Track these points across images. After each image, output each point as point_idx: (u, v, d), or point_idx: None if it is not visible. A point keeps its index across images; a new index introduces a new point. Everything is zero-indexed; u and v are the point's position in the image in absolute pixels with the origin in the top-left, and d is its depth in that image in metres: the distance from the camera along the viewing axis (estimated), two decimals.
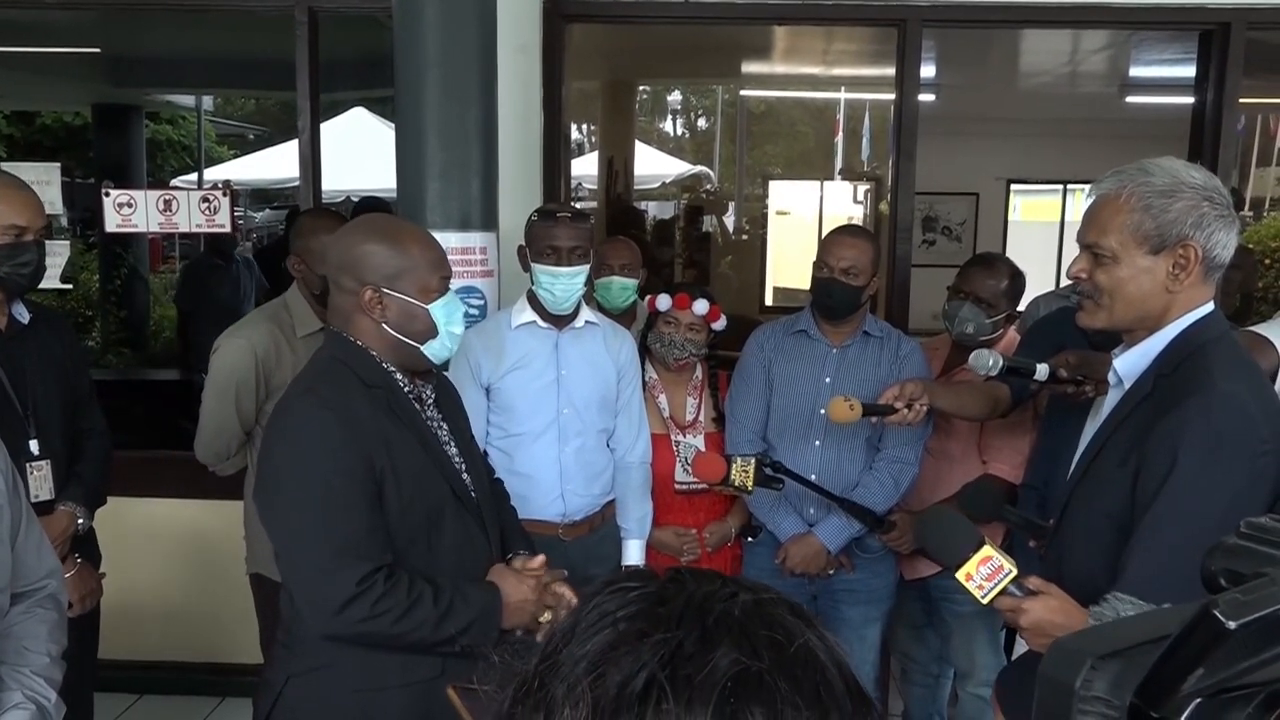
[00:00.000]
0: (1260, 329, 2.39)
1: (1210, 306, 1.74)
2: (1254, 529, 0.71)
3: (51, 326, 2.69)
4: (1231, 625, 0.58)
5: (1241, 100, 3.73)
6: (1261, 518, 0.72)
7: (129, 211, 3.79)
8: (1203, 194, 1.68)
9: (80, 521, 2.62)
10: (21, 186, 2.51)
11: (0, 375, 2.48)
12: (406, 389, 1.95)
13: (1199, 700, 0.60)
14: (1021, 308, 3.19)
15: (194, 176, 11.94)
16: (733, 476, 2.54)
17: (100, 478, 2.72)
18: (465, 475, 2.02)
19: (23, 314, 2.57)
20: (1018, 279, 3.04)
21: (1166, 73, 6.23)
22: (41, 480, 2.53)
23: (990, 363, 2.41)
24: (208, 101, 12.55)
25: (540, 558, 2.05)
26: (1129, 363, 1.78)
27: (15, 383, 2.51)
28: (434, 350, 1.95)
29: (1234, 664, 0.60)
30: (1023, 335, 3.08)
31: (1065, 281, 2.19)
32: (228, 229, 3.98)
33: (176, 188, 6.46)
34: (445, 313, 1.93)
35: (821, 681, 0.60)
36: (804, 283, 2.93)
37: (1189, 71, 4.06)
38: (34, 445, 2.52)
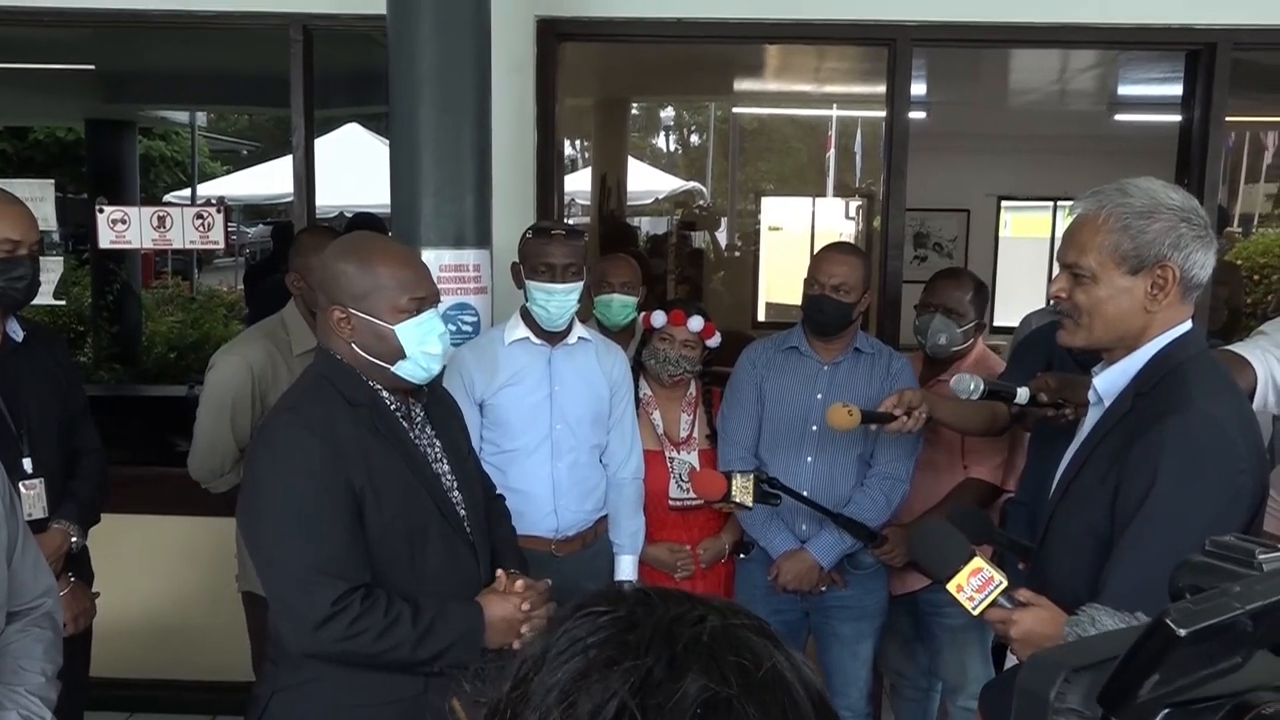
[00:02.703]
0: (1238, 348, 2.41)
1: (1188, 325, 1.76)
2: (1219, 547, 0.74)
3: (46, 344, 2.69)
4: (1182, 633, 0.60)
5: (1228, 118, 3.76)
6: (1227, 536, 0.74)
7: (123, 228, 3.80)
8: (1180, 215, 1.70)
9: (74, 540, 2.61)
10: (14, 201, 2.50)
11: None
12: (393, 407, 1.95)
13: (1168, 710, 0.62)
14: (1014, 323, 3.21)
15: (187, 192, 11.96)
16: (734, 493, 2.56)
17: (94, 495, 2.71)
18: (456, 493, 2.01)
19: (16, 332, 2.56)
20: (982, 289, 3.13)
21: (1154, 91, 6.26)
22: (35, 499, 2.52)
23: (971, 387, 2.42)
24: (201, 117, 12.57)
25: (545, 582, 2.04)
26: (1108, 381, 1.80)
27: (9, 401, 2.50)
28: (406, 371, 1.93)
29: (1191, 672, 0.63)
30: (1011, 351, 3.11)
31: None
32: (221, 246, 3.99)
33: (170, 204, 6.45)
34: (418, 334, 1.90)
35: (789, 704, 0.61)
36: (796, 298, 2.95)
37: (1176, 90, 4.09)
38: (27, 464, 2.51)
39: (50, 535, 2.54)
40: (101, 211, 3.80)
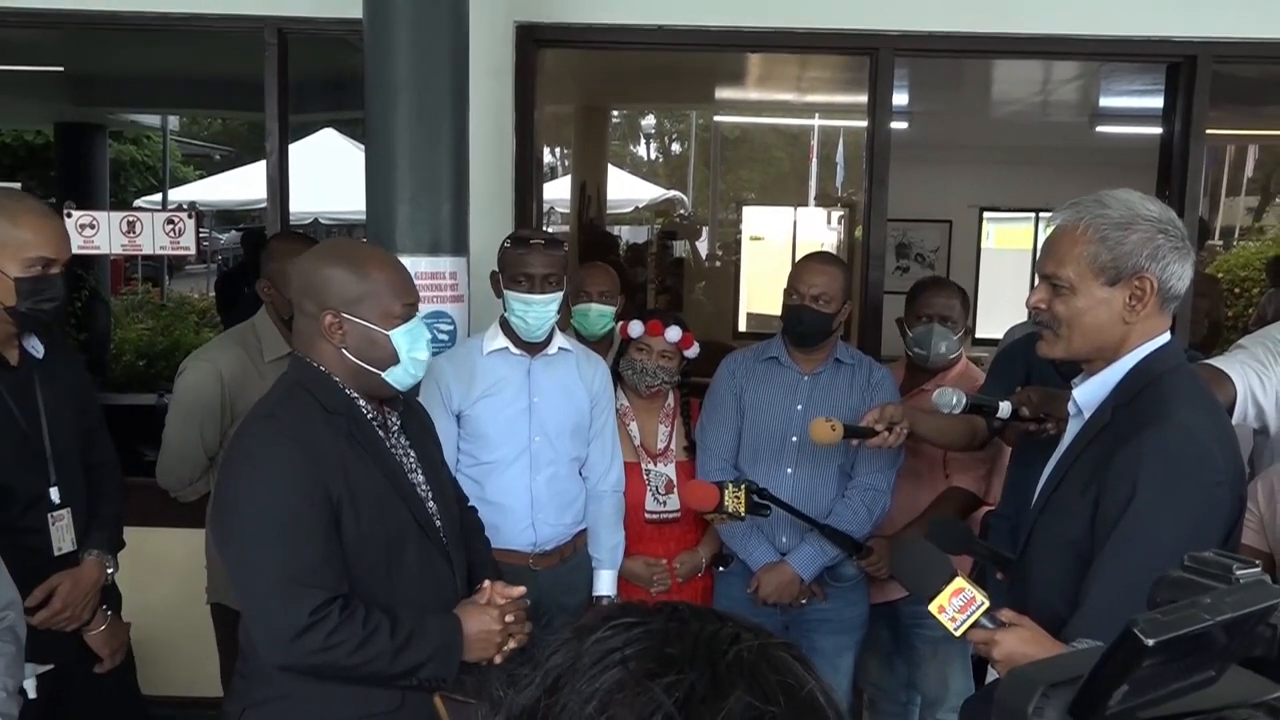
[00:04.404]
0: (1217, 362, 2.42)
1: (1166, 337, 1.77)
2: (1196, 562, 0.76)
3: (64, 359, 2.51)
4: (1150, 642, 0.62)
5: (1209, 131, 3.77)
6: (1205, 552, 0.76)
7: (91, 233, 3.74)
8: (1158, 226, 1.71)
9: (109, 570, 2.49)
10: (50, 215, 2.33)
11: (18, 418, 2.30)
12: (370, 416, 1.94)
13: None
14: (997, 334, 3.20)
15: (158, 197, 11.82)
16: (726, 503, 2.53)
17: (118, 517, 2.58)
18: (431, 504, 1.99)
19: (37, 348, 2.38)
20: (965, 296, 3.20)
21: (1136, 103, 6.30)
22: (64, 530, 2.37)
23: (954, 401, 2.42)
24: (173, 121, 12.45)
25: (520, 588, 2.01)
26: (1088, 393, 1.80)
27: (30, 424, 2.33)
28: (396, 377, 1.92)
29: (1163, 685, 0.64)
30: (991, 363, 3.11)
31: None
32: (193, 252, 3.93)
33: (140, 209, 6.37)
34: (408, 339, 1.90)
35: None
36: (778, 308, 2.92)
37: (1157, 103, 4.10)
38: (54, 493, 2.35)
39: (87, 568, 2.41)
40: (70, 216, 3.74)
